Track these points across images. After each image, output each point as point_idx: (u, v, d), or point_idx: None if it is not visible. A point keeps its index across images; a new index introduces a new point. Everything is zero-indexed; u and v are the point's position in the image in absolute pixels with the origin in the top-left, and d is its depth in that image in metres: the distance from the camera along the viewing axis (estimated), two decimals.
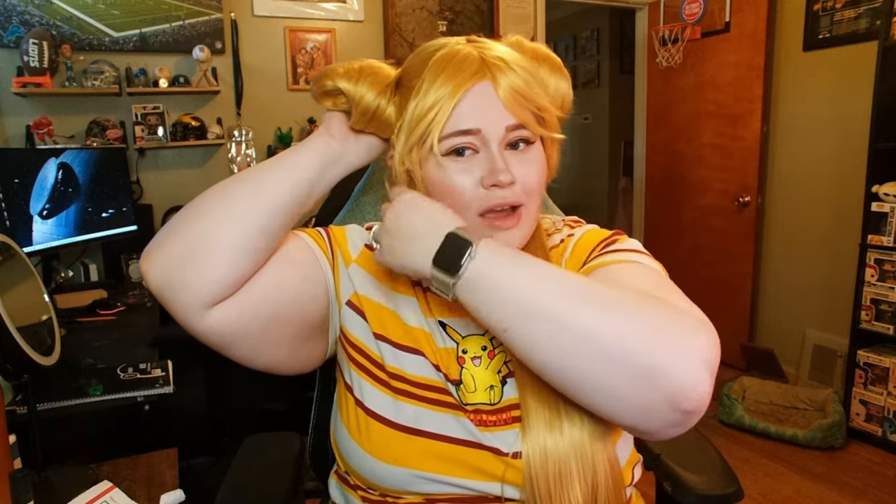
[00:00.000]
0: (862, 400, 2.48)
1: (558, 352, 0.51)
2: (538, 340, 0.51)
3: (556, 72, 0.74)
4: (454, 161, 0.66)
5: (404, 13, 3.10)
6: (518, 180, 0.65)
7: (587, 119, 4.98)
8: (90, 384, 1.31)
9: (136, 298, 2.22)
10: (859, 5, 2.69)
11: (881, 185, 2.39)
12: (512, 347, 0.54)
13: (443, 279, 0.55)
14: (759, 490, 2.20)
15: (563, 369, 0.52)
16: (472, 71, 0.65)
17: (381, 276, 0.73)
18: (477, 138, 0.65)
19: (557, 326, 0.51)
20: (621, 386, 0.50)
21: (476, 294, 0.54)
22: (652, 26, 3.58)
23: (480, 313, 0.55)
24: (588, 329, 0.50)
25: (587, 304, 0.51)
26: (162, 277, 0.62)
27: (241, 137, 2.79)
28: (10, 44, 2.37)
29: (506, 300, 0.53)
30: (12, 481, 0.83)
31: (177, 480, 0.99)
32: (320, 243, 0.74)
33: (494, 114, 0.65)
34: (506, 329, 0.53)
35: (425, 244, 0.57)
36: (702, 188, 3.41)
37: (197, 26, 2.70)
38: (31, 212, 2.01)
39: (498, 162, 0.64)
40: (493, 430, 0.66)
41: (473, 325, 0.71)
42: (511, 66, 0.66)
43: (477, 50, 0.67)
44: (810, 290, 3.02)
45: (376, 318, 0.72)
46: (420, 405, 0.67)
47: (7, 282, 0.99)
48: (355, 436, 0.68)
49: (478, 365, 0.69)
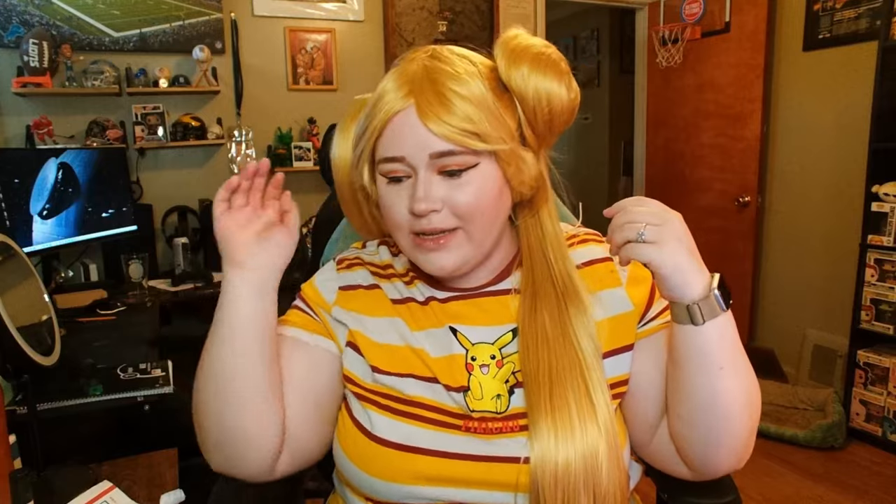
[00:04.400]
0: (862, 400, 2.48)
1: (742, 393, 0.63)
2: (738, 382, 0.62)
3: (538, 71, 0.67)
4: (391, 184, 0.67)
5: (404, 13, 3.10)
6: (447, 206, 0.65)
7: (587, 119, 4.98)
8: (90, 384, 1.31)
9: (136, 298, 2.22)
10: (859, 5, 2.69)
11: (881, 185, 2.39)
12: (710, 380, 0.62)
13: (714, 306, 0.61)
14: (759, 490, 2.20)
15: (729, 407, 0.62)
16: (402, 94, 0.64)
17: (360, 306, 0.75)
18: (404, 164, 0.65)
19: (750, 380, 0.64)
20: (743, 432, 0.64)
21: (724, 329, 0.61)
22: (652, 26, 3.58)
23: (708, 347, 0.61)
24: (755, 393, 0.65)
25: (756, 385, 0.66)
26: (224, 469, 0.69)
27: (241, 137, 2.79)
28: (10, 44, 2.38)
29: (735, 345, 0.63)
30: (12, 481, 0.83)
31: (177, 480, 0.99)
32: (302, 322, 0.75)
33: (418, 140, 0.64)
34: (722, 367, 0.62)
35: (706, 275, 0.62)
36: (702, 188, 3.41)
37: (197, 26, 2.70)
38: (31, 212, 2.01)
39: (419, 190, 0.64)
40: (499, 436, 0.66)
41: (483, 333, 0.71)
42: (445, 89, 0.63)
43: (422, 68, 0.65)
44: (810, 290, 3.02)
45: (370, 352, 0.72)
46: (417, 424, 0.68)
47: (7, 282, 0.99)
48: (350, 452, 0.70)
49: (486, 373, 0.69)
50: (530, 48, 0.68)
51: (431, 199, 0.64)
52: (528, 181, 0.69)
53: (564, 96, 0.68)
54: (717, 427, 0.63)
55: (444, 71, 0.65)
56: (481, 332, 0.71)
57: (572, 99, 0.69)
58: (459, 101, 0.63)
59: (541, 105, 0.67)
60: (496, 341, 0.71)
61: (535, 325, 0.68)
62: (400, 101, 0.64)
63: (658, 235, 0.61)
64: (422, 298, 0.74)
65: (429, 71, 0.65)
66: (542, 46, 0.69)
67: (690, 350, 0.62)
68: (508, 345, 0.70)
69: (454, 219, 0.66)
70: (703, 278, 0.61)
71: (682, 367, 0.64)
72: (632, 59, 3.91)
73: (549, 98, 0.67)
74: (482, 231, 0.67)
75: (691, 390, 0.64)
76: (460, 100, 0.63)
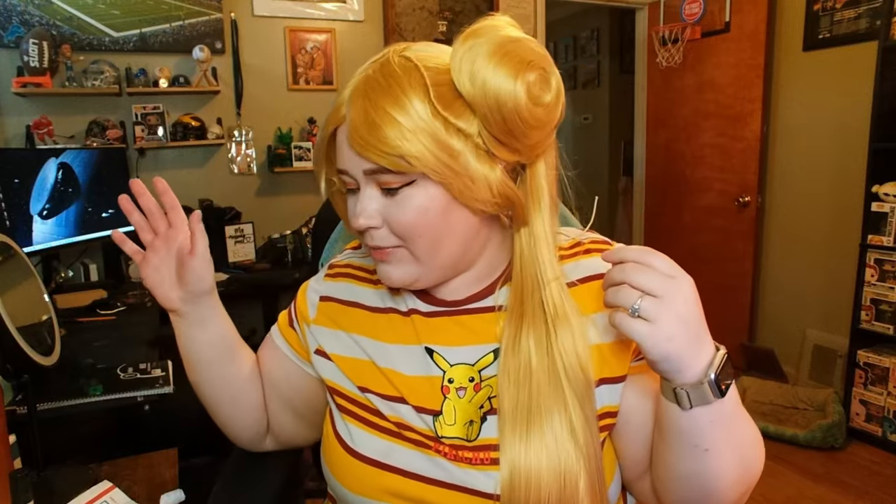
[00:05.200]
0: (862, 400, 2.48)
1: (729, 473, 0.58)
2: (725, 464, 0.57)
3: (487, 69, 0.57)
4: (348, 195, 0.67)
5: (404, 13, 3.10)
6: (387, 223, 0.62)
7: (587, 119, 4.98)
8: (90, 384, 1.31)
9: (136, 298, 2.22)
10: (859, 5, 2.69)
11: (881, 185, 2.39)
12: (694, 462, 0.57)
13: (706, 394, 0.54)
14: (760, 490, 2.20)
15: (713, 485, 0.58)
16: (340, 107, 0.62)
17: (341, 322, 0.75)
18: (349, 177, 0.63)
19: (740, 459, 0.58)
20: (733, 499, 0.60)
21: (715, 415, 0.55)
22: (652, 26, 3.58)
23: (696, 431, 0.56)
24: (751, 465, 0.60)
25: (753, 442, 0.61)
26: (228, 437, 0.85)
27: (241, 137, 2.79)
28: (10, 44, 2.38)
29: (728, 427, 0.57)
30: (12, 481, 0.83)
31: (177, 480, 0.99)
32: (286, 332, 0.81)
33: (352, 156, 0.61)
34: (707, 449, 0.56)
35: (704, 353, 0.54)
36: (702, 188, 3.41)
37: (197, 26, 2.70)
38: (31, 212, 2.01)
39: (357, 206, 0.63)
40: (469, 467, 0.63)
41: (463, 353, 0.67)
42: (375, 106, 0.58)
43: (364, 80, 0.61)
44: (810, 290, 3.02)
45: (354, 372, 0.71)
46: (394, 441, 0.67)
47: (7, 282, 0.99)
48: (329, 462, 0.71)
49: (462, 396, 0.66)
50: (488, 41, 0.58)
51: (367, 214, 0.62)
52: (487, 198, 0.60)
53: (521, 96, 0.57)
54: (703, 501, 0.59)
55: (381, 86, 0.59)
56: (461, 353, 0.67)
57: (536, 100, 0.58)
58: (389, 126, 0.57)
59: (491, 110, 0.57)
60: (477, 362, 0.66)
61: (517, 352, 0.62)
62: (340, 113, 0.62)
63: (655, 312, 0.52)
64: (405, 309, 0.71)
65: (368, 83, 0.60)
66: (504, 38, 0.58)
67: (672, 430, 0.57)
68: (489, 366, 0.66)
69: (394, 238, 0.63)
70: (698, 363, 0.53)
71: (664, 442, 0.59)
72: (632, 59, 3.91)
73: (498, 100, 0.57)
74: (427, 249, 0.62)
75: (675, 467, 0.59)
76: (390, 124, 0.57)
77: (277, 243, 2.78)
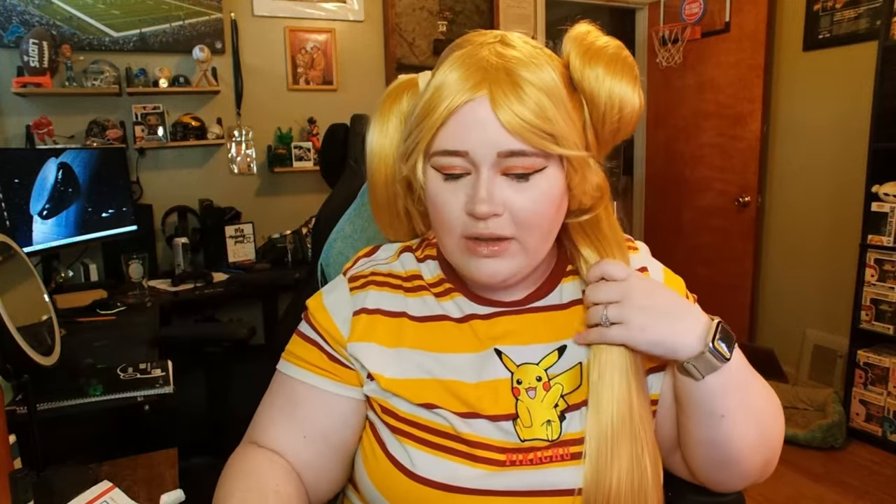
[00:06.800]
0: (862, 400, 2.48)
1: (747, 439, 0.62)
2: (742, 429, 0.62)
3: (614, 74, 0.61)
4: (447, 181, 0.61)
5: (404, 13, 3.10)
6: (509, 211, 0.59)
7: None
8: (90, 384, 1.31)
9: (136, 298, 2.22)
10: (859, 5, 2.69)
11: (881, 185, 2.39)
12: (713, 429, 0.61)
13: (711, 361, 0.59)
14: (759, 490, 2.20)
15: (735, 452, 0.62)
16: (472, 83, 0.57)
17: (379, 337, 0.67)
18: (466, 160, 0.59)
19: (757, 424, 0.63)
20: (756, 468, 0.65)
21: (726, 380, 0.60)
22: (652, 26, 3.58)
23: (711, 399, 0.60)
24: (769, 432, 0.65)
25: (771, 410, 0.66)
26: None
27: (241, 137, 2.79)
28: (10, 44, 2.38)
29: (741, 390, 0.61)
30: (12, 481, 0.83)
31: (177, 480, 0.99)
32: (322, 364, 0.68)
33: (487, 136, 0.57)
34: (723, 416, 0.60)
35: (695, 326, 0.60)
36: (702, 188, 3.41)
37: (197, 26, 2.70)
38: (31, 212, 2.01)
39: (481, 191, 0.58)
40: (548, 466, 0.62)
41: (527, 353, 0.66)
42: (522, 80, 0.57)
43: (494, 55, 0.58)
44: (810, 290, 3.02)
45: (410, 390, 0.65)
46: (459, 461, 0.62)
47: (7, 282, 0.99)
48: (385, 490, 0.64)
49: (532, 397, 0.64)
50: (606, 48, 0.62)
51: (495, 201, 0.58)
52: (591, 190, 0.64)
53: (637, 104, 0.63)
54: (727, 466, 0.64)
55: (518, 59, 0.58)
56: (525, 352, 0.66)
57: (641, 106, 0.64)
58: (536, 94, 0.56)
59: (612, 110, 0.62)
60: (541, 361, 0.66)
61: (610, 352, 0.62)
62: (468, 90, 0.57)
63: (621, 314, 0.59)
64: (459, 315, 0.67)
65: (502, 57, 0.58)
66: (617, 47, 0.63)
67: (690, 401, 0.62)
68: (554, 365, 0.66)
69: (512, 226, 0.60)
70: (690, 338, 0.59)
71: (684, 412, 0.64)
72: None
73: (622, 104, 0.61)
74: (538, 241, 0.62)
75: (695, 435, 0.63)
76: (536, 92, 0.56)
77: (277, 243, 2.78)
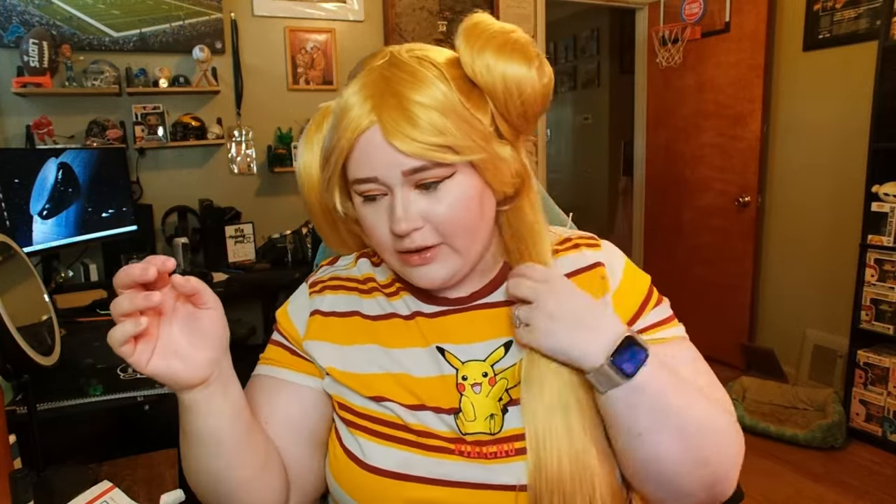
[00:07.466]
0: (862, 400, 2.48)
1: (672, 459, 0.58)
2: (663, 449, 0.58)
3: (503, 58, 0.61)
4: (367, 203, 0.63)
5: (404, 13, 3.10)
6: (428, 221, 0.61)
7: (587, 119, 4.98)
8: (90, 384, 1.31)
9: None
10: (859, 5, 2.69)
11: (881, 185, 2.39)
12: (632, 447, 0.59)
13: (611, 376, 0.57)
14: (759, 490, 2.20)
15: (661, 472, 0.59)
16: (366, 109, 0.59)
17: (333, 335, 0.71)
18: (378, 183, 0.61)
19: (682, 445, 0.58)
20: (695, 490, 0.60)
21: (632, 398, 0.57)
22: (652, 26, 3.58)
23: (621, 415, 0.58)
24: (702, 453, 0.59)
25: (704, 431, 0.59)
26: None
27: (241, 137, 2.79)
28: (10, 44, 2.38)
29: (654, 411, 0.57)
30: (12, 481, 0.83)
31: (177, 480, 0.99)
32: (287, 361, 0.72)
33: (388, 159, 0.59)
34: (639, 434, 0.58)
35: (599, 338, 0.58)
36: (702, 188, 3.41)
37: (197, 26, 2.70)
38: (31, 212, 2.01)
39: (397, 210, 0.60)
40: (494, 461, 0.63)
41: (473, 350, 0.67)
42: (410, 103, 0.58)
43: (382, 80, 0.60)
44: (810, 290, 3.02)
45: (362, 383, 0.69)
46: (410, 450, 0.64)
47: (7, 282, 0.99)
48: (343, 481, 0.67)
49: (478, 392, 0.66)
50: (493, 35, 0.62)
51: (411, 217, 0.61)
52: (510, 179, 0.65)
53: (535, 81, 0.63)
54: (660, 485, 0.61)
55: (404, 80, 0.59)
56: (471, 350, 0.67)
57: (545, 84, 0.64)
58: (424, 113, 0.58)
59: (512, 96, 0.62)
60: (488, 358, 0.67)
61: None
62: (364, 118, 0.59)
63: (529, 317, 0.60)
64: (406, 312, 0.71)
65: (389, 82, 0.59)
66: (504, 31, 0.63)
67: (605, 414, 0.60)
68: (501, 360, 0.67)
69: (436, 235, 0.62)
70: (595, 350, 0.57)
71: (607, 426, 0.61)
72: (632, 59, 3.91)
73: (519, 87, 0.62)
74: (467, 242, 0.64)
75: (617, 451, 0.61)
76: (425, 111, 0.58)
77: (277, 243, 2.78)
